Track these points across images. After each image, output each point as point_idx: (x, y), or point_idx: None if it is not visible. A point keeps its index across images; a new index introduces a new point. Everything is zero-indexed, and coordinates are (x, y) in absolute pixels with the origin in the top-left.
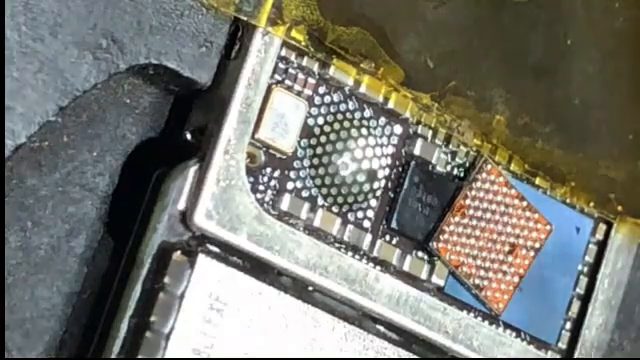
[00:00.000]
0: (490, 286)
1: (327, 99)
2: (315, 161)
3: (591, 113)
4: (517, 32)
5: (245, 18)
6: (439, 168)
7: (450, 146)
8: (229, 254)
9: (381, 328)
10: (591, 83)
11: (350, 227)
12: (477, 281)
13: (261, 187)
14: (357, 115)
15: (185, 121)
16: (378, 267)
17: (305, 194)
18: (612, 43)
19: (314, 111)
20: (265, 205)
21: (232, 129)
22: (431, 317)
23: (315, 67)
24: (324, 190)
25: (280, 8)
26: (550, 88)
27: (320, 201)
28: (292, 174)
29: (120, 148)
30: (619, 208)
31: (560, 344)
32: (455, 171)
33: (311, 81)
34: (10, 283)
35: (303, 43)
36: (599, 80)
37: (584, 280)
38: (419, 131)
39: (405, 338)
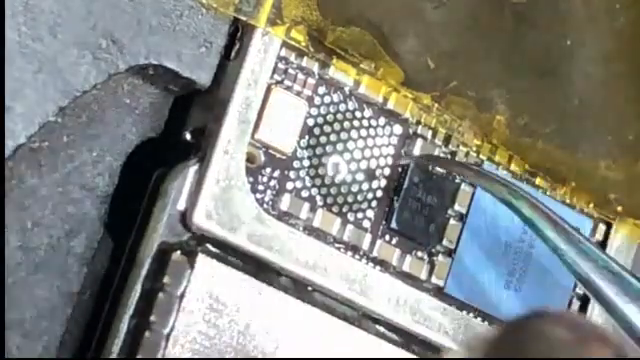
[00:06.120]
0: None
1: (327, 99)
2: (315, 161)
3: (591, 113)
4: (517, 32)
5: (244, 18)
6: (439, 168)
7: (450, 146)
8: (229, 254)
9: (381, 328)
10: (591, 83)
11: (350, 227)
12: None
13: (261, 187)
14: (357, 115)
15: (185, 121)
16: (378, 267)
17: (305, 194)
18: (612, 43)
19: (314, 111)
20: (265, 205)
21: (232, 129)
22: (431, 317)
23: (315, 67)
24: (324, 190)
25: (280, 8)
26: (550, 88)
27: (320, 201)
28: (292, 174)
29: (120, 148)
30: (619, 209)
31: None
32: None
33: (311, 81)
34: (10, 283)
35: (303, 43)
36: (599, 80)
37: None
38: (419, 131)
39: (405, 338)
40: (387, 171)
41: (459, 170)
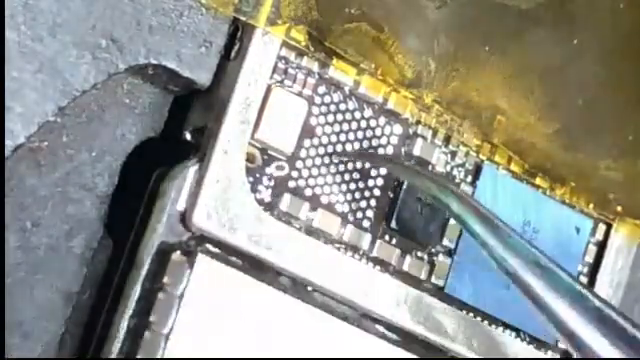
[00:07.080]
0: None
1: (327, 99)
2: (315, 161)
3: (592, 113)
4: (520, 32)
5: (244, 18)
6: (439, 168)
7: (450, 146)
8: (228, 254)
9: (380, 328)
10: (592, 84)
11: (350, 227)
12: None
13: (260, 187)
14: (357, 115)
15: (184, 121)
16: (378, 267)
17: (305, 194)
18: (614, 44)
19: (314, 111)
20: (264, 205)
21: (231, 129)
22: (431, 317)
23: (315, 67)
24: (324, 190)
25: (279, 8)
26: (552, 88)
27: (319, 201)
28: (292, 174)
29: (119, 148)
30: (619, 209)
31: (560, 344)
32: (455, 171)
33: (311, 81)
34: (9, 283)
35: (303, 43)
36: (600, 81)
37: (584, 280)
38: (419, 131)
39: (405, 338)
40: (387, 171)
41: (390, 166)
